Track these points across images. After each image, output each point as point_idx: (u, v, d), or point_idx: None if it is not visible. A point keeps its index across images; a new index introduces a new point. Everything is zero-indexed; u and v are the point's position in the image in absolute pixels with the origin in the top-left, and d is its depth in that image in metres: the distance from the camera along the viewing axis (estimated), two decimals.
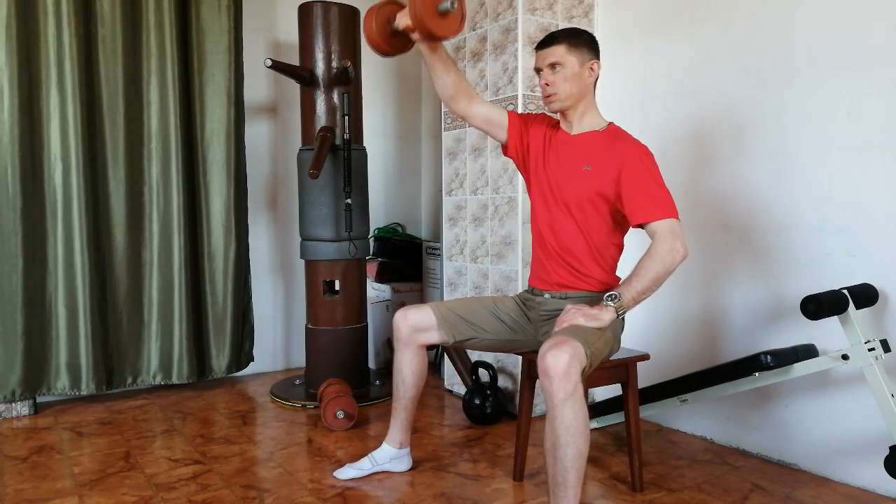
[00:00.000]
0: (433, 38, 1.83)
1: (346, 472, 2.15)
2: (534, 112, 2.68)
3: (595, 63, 1.91)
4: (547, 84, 1.89)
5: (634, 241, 2.70)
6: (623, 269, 2.05)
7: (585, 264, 1.91)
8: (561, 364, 1.53)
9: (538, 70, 1.92)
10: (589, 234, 1.90)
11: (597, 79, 1.94)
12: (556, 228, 1.94)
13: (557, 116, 2.02)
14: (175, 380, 3.09)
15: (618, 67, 2.78)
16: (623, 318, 1.91)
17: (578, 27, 1.97)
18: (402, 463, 2.17)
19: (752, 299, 2.33)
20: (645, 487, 2.07)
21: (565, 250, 1.92)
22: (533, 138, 2.01)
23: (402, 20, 1.81)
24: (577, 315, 1.70)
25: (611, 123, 1.96)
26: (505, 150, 2.08)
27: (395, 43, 1.89)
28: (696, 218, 2.49)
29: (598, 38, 2.78)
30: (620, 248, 1.97)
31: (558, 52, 1.87)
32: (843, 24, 2.05)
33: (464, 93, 2.01)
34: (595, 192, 1.85)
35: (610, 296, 1.72)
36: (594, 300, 1.86)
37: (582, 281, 1.92)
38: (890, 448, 1.83)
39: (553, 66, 1.88)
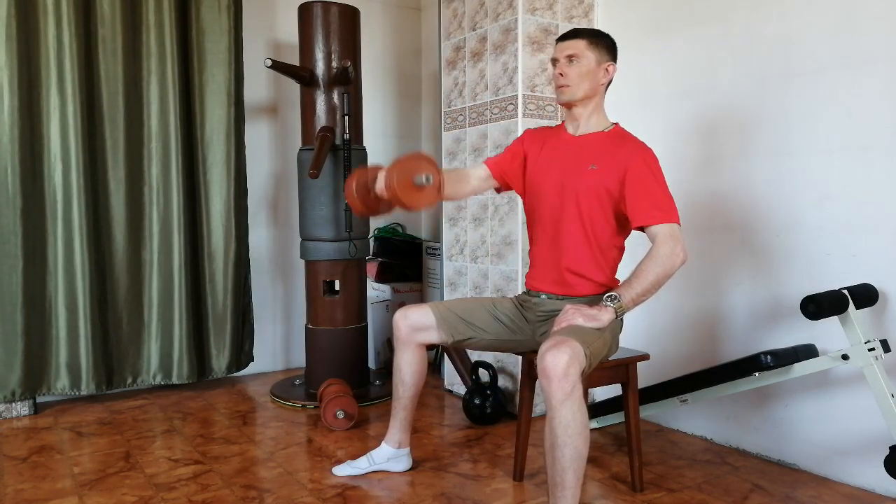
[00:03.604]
0: (408, 209, 1.82)
1: (343, 470, 2.16)
2: (532, 110, 2.68)
3: (611, 66, 1.92)
4: (561, 74, 1.89)
5: (635, 241, 2.71)
6: (623, 272, 2.05)
7: (586, 266, 1.90)
8: (560, 364, 1.53)
9: (555, 61, 1.92)
10: (593, 232, 1.89)
11: (610, 81, 1.94)
12: (559, 231, 1.92)
13: (558, 121, 2.02)
14: (175, 380, 3.09)
15: (618, 68, 2.77)
16: (622, 320, 1.92)
17: (602, 29, 1.98)
18: (401, 463, 2.17)
19: (752, 299, 2.33)
20: (645, 487, 2.07)
21: (565, 256, 1.92)
22: (528, 152, 2.04)
23: (380, 185, 1.79)
24: (575, 315, 1.70)
25: (616, 125, 1.96)
26: (499, 191, 2.15)
27: (373, 205, 1.88)
28: (696, 218, 2.49)
29: None
30: (621, 251, 1.97)
31: (579, 45, 1.87)
32: (843, 24, 2.05)
33: (460, 183, 2.05)
34: (601, 188, 1.85)
35: (610, 296, 1.72)
36: (592, 301, 1.86)
37: (580, 287, 1.92)
38: (890, 448, 1.83)
39: (570, 57, 1.88)
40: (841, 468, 2.10)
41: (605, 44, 1.91)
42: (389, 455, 2.15)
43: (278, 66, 2.83)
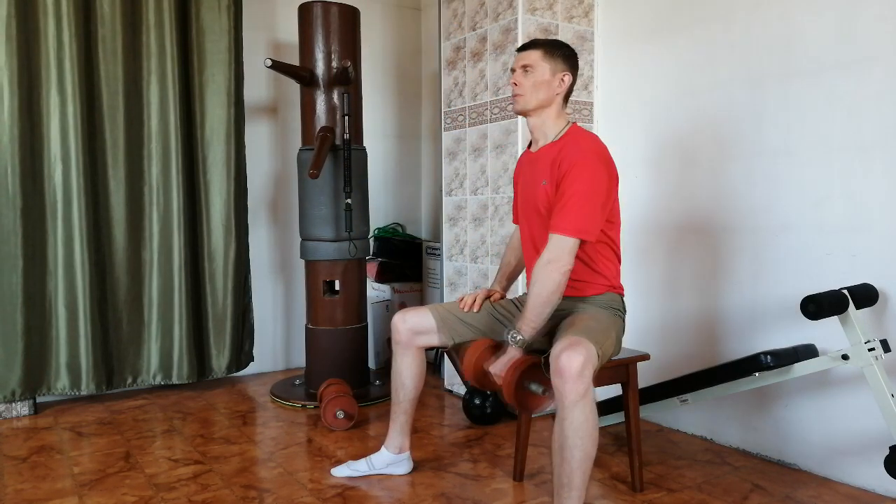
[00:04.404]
0: (519, 408, 1.86)
1: (342, 471, 2.16)
2: None
3: (567, 75, 1.90)
4: (515, 84, 1.91)
5: (633, 241, 2.70)
6: (623, 271, 2.04)
7: (577, 265, 1.89)
8: (575, 365, 1.53)
9: (513, 70, 1.94)
10: None
11: (568, 91, 1.92)
12: (536, 243, 1.94)
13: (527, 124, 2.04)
14: (175, 380, 3.09)
15: (617, 68, 2.78)
16: (624, 322, 1.93)
17: (561, 40, 1.98)
18: (401, 467, 2.16)
19: (752, 299, 2.33)
20: (645, 487, 2.07)
21: None
22: (517, 182, 2.08)
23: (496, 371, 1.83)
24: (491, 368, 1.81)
25: (569, 127, 1.92)
26: None
27: (486, 382, 1.91)
28: (695, 217, 2.49)
29: (597, 39, 2.82)
30: (604, 242, 1.91)
31: (533, 56, 1.89)
32: (843, 24, 2.05)
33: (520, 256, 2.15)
34: (550, 203, 1.85)
35: (512, 336, 1.78)
36: (588, 302, 1.89)
37: (578, 283, 1.91)
38: (890, 448, 1.83)
39: (525, 67, 1.89)
40: (841, 468, 2.10)
41: (561, 54, 1.90)
42: (389, 461, 2.14)
43: (278, 66, 2.83)
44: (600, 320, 1.80)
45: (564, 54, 1.91)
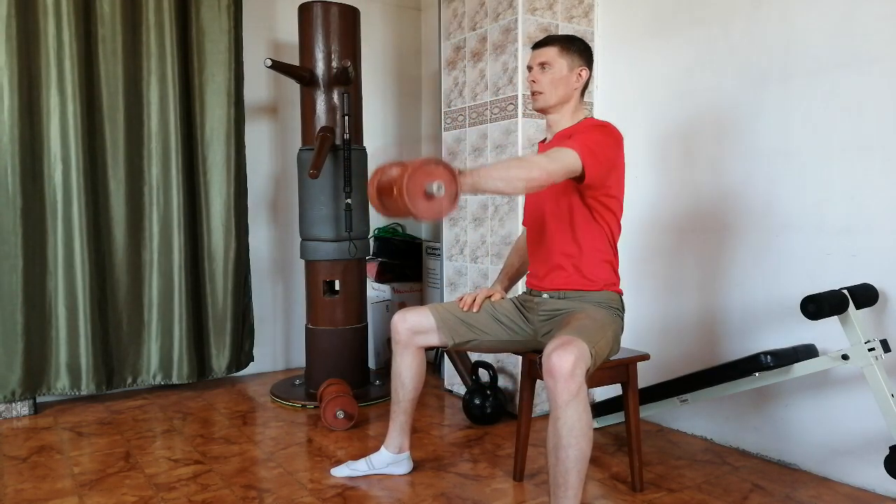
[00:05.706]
0: (415, 219, 1.53)
1: (342, 471, 2.16)
2: (532, 110, 2.68)
3: (584, 70, 1.94)
4: (534, 81, 1.94)
5: (633, 241, 2.71)
6: (623, 271, 2.05)
7: (572, 255, 1.92)
8: (566, 365, 1.53)
9: (529, 68, 1.97)
10: (573, 229, 1.90)
11: (585, 85, 1.96)
12: (543, 228, 1.95)
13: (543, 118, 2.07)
14: (175, 380, 3.09)
15: (618, 68, 2.78)
16: (623, 321, 1.93)
17: (575, 35, 2.01)
18: (401, 467, 2.16)
19: (751, 299, 2.33)
20: (645, 487, 2.07)
21: (551, 250, 1.94)
22: None
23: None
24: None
25: (586, 118, 1.98)
26: None
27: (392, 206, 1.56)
28: (696, 218, 2.49)
29: (597, 39, 2.82)
30: (607, 238, 1.93)
31: (550, 53, 1.91)
32: (843, 24, 2.05)
33: (525, 256, 2.16)
34: None
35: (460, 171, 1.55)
36: (585, 300, 1.89)
37: (576, 279, 1.92)
38: (890, 448, 1.83)
39: (543, 65, 1.92)
40: (841, 468, 2.10)
41: (576, 49, 1.93)
42: (389, 461, 2.14)
43: (278, 66, 2.83)
44: (596, 319, 1.80)
45: (580, 49, 1.95)
